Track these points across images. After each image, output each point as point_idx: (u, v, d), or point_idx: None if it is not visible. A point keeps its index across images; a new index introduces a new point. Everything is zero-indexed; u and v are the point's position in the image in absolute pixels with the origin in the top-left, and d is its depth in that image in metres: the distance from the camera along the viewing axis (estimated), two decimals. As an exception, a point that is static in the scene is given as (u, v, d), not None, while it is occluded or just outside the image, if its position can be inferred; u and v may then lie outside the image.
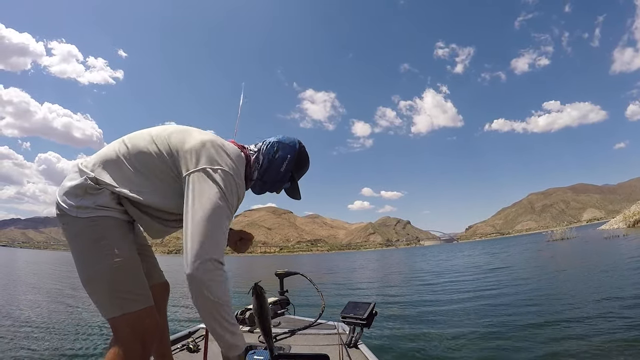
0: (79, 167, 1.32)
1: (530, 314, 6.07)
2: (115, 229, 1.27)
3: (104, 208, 1.25)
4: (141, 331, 1.23)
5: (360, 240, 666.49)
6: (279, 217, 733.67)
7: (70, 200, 1.24)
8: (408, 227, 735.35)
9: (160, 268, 1.72)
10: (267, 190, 1.55)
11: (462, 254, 36.37)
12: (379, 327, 5.74)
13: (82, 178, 1.26)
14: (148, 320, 1.26)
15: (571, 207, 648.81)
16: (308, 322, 2.82)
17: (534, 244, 40.33)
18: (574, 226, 54.73)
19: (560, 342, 4.43)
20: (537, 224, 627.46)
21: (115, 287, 1.22)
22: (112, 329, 1.24)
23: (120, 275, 1.23)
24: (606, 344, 4.15)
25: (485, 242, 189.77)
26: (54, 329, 6.10)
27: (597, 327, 4.83)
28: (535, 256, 22.14)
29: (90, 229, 1.23)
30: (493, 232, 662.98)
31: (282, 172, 1.49)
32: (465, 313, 6.70)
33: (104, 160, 1.31)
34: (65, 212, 1.25)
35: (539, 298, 7.59)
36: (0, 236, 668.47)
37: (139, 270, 1.31)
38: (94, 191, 1.25)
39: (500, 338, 4.85)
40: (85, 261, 1.24)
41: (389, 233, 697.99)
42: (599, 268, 11.69)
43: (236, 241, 1.75)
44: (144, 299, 1.27)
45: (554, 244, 34.45)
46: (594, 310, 5.79)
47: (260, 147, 1.51)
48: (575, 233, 47.02)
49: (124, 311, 1.21)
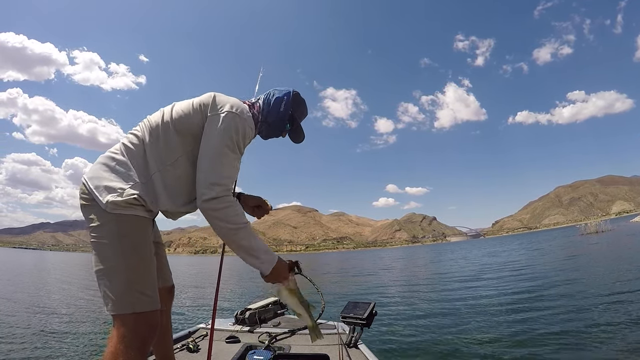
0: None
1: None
2: (140, 228, 1.33)
3: (132, 206, 1.30)
4: (145, 332, 1.27)
5: (386, 238, 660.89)
6: (304, 215, 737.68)
7: (105, 193, 1.29)
8: (434, 223, 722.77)
9: (170, 269, 1.75)
10: (272, 134, 1.66)
11: (494, 250, 34.87)
12: (379, 327, 5.69)
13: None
14: (153, 322, 1.31)
15: (599, 199, 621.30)
16: None
17: (566, 238, 38.83)
18: (603, 220, 51.74)
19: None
20: (565, 218, 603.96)
21: (130, 285, 1.26)
22: (115, 324, 1.26)
23: (138, 274, 1.28)
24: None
25: (514, 237, 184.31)
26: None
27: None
28: (575, 251, 20.46)
29: (116, 225, 1.27)
30: (520, 226, 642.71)
31: (282, 112, 1.60)
32: (483, 315, 6.42)
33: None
34: (95, 202, 1.30)
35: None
36: (31, 240, 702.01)
37: (154, 272, 1.36)
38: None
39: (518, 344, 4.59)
40: (106, 255, 1.28)
41: (415, 229, 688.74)
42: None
43: (253, 207, 1.90)
44: (154, 301, 1.32)
45: (589, 238, 33.06)
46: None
47: (258, 98, 1.67)
48: (610, 226, 45.02)
49: (134, 310, 1.25)
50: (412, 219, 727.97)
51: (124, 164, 1.36)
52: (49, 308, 8.69)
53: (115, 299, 1.24)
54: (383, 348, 4.67)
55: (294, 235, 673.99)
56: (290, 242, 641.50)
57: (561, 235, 53.07)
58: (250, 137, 1.52)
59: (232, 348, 2.25)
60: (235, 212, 1.33)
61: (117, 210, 1.27)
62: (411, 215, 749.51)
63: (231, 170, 1.38)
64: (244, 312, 2.81)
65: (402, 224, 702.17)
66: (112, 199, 1.26)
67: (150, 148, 1.39)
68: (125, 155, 1.38)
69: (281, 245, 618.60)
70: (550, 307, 6.47)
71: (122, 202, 1.27)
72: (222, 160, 1.35)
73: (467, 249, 51.28)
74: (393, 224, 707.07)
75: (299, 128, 1.70)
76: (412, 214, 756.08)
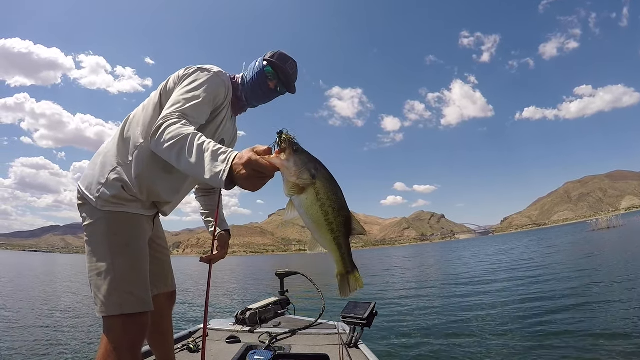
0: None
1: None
2: (133, 226, 1.30)
3: (123, 203, 1.28)
4: (134, 334, 1.24)
5: (395, 236, 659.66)
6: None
7: (93, 190, 1.29)
8: (442, 221, 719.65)
9: (173, 273, 1.71)
10: (257, 91, 1.52)
11: (504, 248, 33.78)
12: (380, 327, 5.65)
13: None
14: (142, 324, 1.27)
15: (609, 195, 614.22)
16: (308, 322, 2.82)
17: (578, 234, 38.21)
18: (613, 215, 50.48)
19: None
20: (574, 214, 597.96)
21: (118, 285, 1.22)
22: (104, 326, 1.24)
23: (127, 274, 1.24)
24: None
25: (523, 234, 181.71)
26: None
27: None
28: (590, 248, 19.51)
29: (106, 222, 1.26)
30: (529, 223, 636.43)
31: (256, 65, 1.50)
32: (485, 317, 6.24)
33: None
34: (86, 201, 1.30)
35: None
36: (41, 243, 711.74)
37: (145, 272, 1.31)
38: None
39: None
40: (96, 254, 1.25)
41: (424, 227, 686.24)
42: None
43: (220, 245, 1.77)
44: (144, 302, 1.27)
45: (602, 234, 32.55)
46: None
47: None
48: (621, 221, 44.36)
49: (122, 311, 1.21)
50: (421, 217, 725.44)
51: (105, 156, 1.35)
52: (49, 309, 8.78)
53: (103, 300, 1.21)
54: (384, 348, 4.64)
55: (303, 234, 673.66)
56: (299, 242, 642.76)
57: (572, 232, 52.26)
58: (223, 91, 1.40)
59: (233, 348, 2.26)
60: (173, 129, 1.05)
61: (107, 207, 1.25)
62: (419, 213, 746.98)
63: (192, 108, 1.20)
64: (244, 312, 2.82)
65: (410, 222, 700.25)
66: (98, 195, 1.26)
67: (124, 136, 1.37)
68: (106, 148, 1.39)
69: (290, 244, 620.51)
70: (570, 317, 5.38)
71: (110, 197, 1.26)
72: (190, 99, 1.21)
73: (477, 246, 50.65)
74: (401, 222, 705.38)
75: (285, 79, 1.52)
76: (420, 212, 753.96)
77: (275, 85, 1.52)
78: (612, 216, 47.73)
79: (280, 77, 1.50)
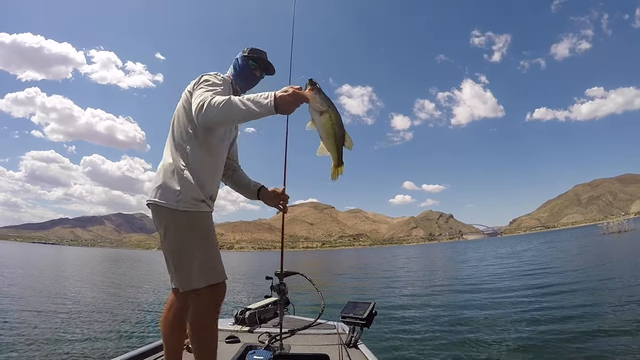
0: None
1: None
2: (206, 220, 1.68)
3: (198, 204, 1.63)
4: (218, 297, 1.64)
5: (403, 235, 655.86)
6: (320, 212, 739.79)
7: (171, 196, 1.62)
8: (451, 221, 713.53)
9: None
10: (248, 79, 1.92)
11: (513, 250, 32.72)
12: (380, 327, 5.64)
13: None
14: (223, 289, 1.67)
15: (619, 198, 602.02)
16: (308, 322, 2.83)
17: (589, 238, 37.61)
18: (624, 219, 49.39)
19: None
20: (584, 217, 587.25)
21: (204, 264, 1.60)
22: (191, 299, 1.60)
23: (210, 254, 1.63)
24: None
25: (531, 235, 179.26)
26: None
27: None
28: (602, 252, 19.15)
29: (187, 218, 1.60)
30: (538, 225, 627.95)
31: (238, 59, 1.91)
32: (486, 318, 6.13)
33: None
34: (164, 205, 1.61)
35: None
36: (50, 235, 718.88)
37: (219, 252, 1.70)
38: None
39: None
40: (184, 244, 1.61)
41: (432, 227, 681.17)
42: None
43: (273, 197, 2.09)
44: (223, 273, 1.67)
45: (613, 238, 32.00)
46: None
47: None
48: (633, 225, 43.60)
49: (209, 282, 1.59)
50: (429, 217, 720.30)
51: (171, 165, 1.68)
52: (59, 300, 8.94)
53: (196, 276, 1.57)
54: (383, 348, 4.64)
55: (310, 232, 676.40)
56: (306, 239, 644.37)
57: (583, 235, 51.38)
58: (230, 87, 1.80)
59: (232, 348, 2.27)
60: (216, 99, 1.47)
61: (187, 208, 1.60)
62: (428, 213, 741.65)
63: (218, 94, 1.56)
64: (243, 312, 2.85)
65: (418, 222, 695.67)
66: (179, 198, 1.60)
67: (175, 140, 1.72)
68: (167, 157, 1.72)
69: (297, 241, 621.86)
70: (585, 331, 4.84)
71: (190, 198, 1.61)
72: (207, 91, 1.58)
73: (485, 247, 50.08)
74: (410, 221, 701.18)
75: (262, 58, 1.91)
76: (428, 212, 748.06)
77: (260, 73, 1.94)
78: (622, 220, 46.92)
79: (260, 65, 1.92)
